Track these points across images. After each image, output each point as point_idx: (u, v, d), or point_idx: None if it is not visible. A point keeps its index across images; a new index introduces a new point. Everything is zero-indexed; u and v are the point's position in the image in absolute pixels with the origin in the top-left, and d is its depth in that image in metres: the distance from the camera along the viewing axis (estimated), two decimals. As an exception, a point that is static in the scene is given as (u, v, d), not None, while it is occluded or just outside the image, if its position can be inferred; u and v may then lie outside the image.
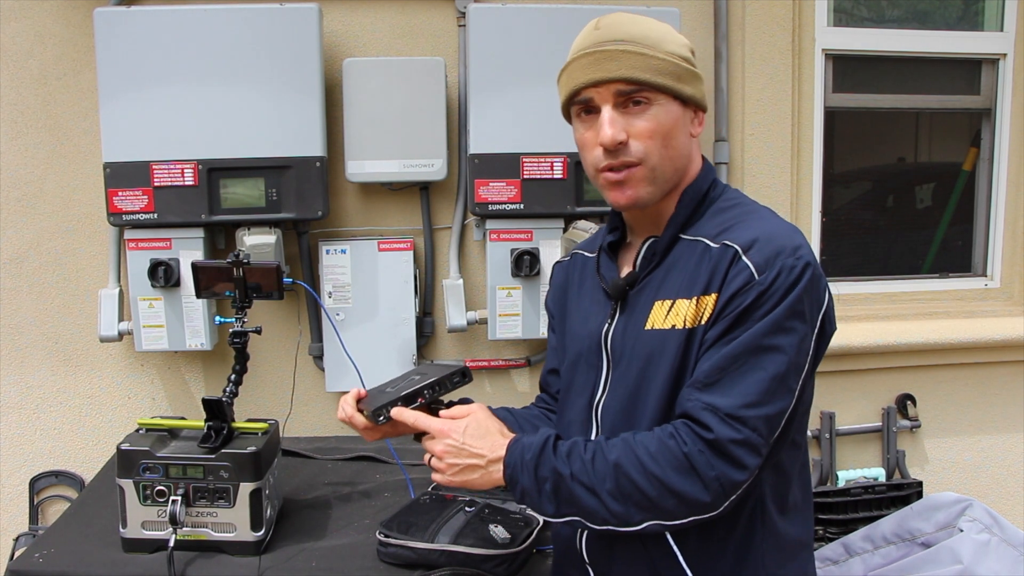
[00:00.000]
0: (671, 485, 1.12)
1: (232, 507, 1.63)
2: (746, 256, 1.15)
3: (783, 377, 1.14)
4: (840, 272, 2.77)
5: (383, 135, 2.20)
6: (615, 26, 1.21)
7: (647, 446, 1.14)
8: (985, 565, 2.14)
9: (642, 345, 1.23)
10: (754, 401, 1.12)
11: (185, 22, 2.07)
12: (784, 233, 1.19)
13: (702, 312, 1.17)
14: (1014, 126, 2.73)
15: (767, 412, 1.13)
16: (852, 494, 2.59)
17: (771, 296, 1.13)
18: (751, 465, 1.12)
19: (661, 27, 1.23)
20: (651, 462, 1.13)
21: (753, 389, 1.12)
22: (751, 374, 1.13)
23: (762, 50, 2.46)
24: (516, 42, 2.18)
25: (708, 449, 1.12)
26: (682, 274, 1.21)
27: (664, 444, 1.14)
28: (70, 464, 2.39)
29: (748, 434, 1.12)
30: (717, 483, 1.11)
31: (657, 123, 1.20)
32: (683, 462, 1.12)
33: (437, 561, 1.58)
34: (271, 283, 1.72)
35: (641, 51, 1.18)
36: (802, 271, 1.14)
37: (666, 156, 1.22)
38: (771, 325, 1.13)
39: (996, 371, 2.71)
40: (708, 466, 1.11)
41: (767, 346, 1.13)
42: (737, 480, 1.12)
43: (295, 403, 2.36)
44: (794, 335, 1.14)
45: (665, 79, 1.19)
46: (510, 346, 2.47)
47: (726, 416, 1.12)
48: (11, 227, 2.30)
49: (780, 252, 1.15)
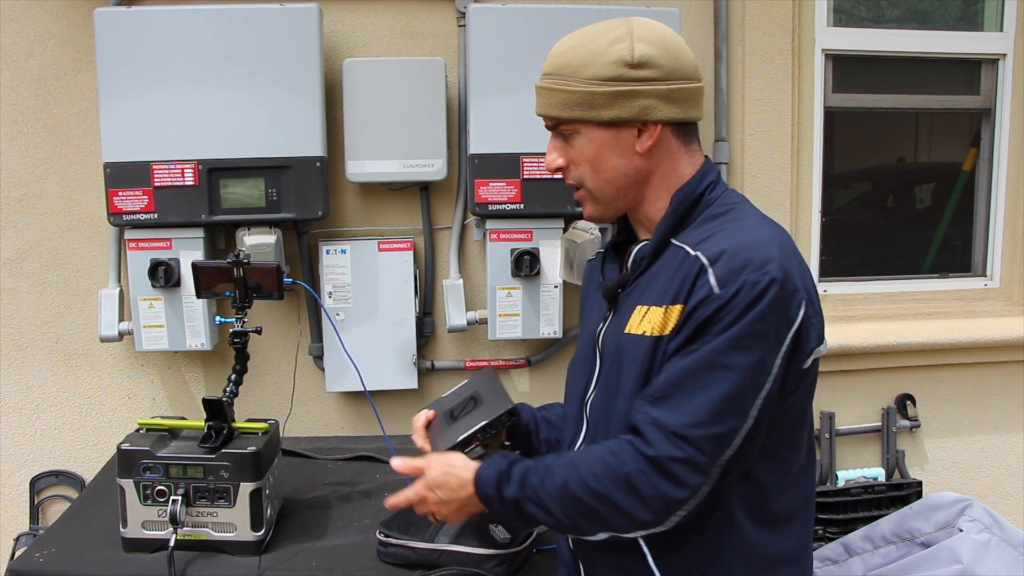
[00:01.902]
0: (615, 503, 1.14)
1: (232, 507, 1.63)
2: (711, 269, 1.14)
3: (735, 398, 1.12)
4: (840, 272, 2.77)
5: (383, 135, 2.20)
6: (550, 57, 1.27)
7: (591, 466, 1.17)
8: (985, 565, 2.14)
9: (621, 348, 1.25)
10: (701, 421, 1.11)
11: (185, 22, 2.08)
12: (757, 246, 1.15)
13: (668, 322, 1.17)
14: (1014, 126, 2.73)
15: (715, 432, 1.11)
16: (852, 494, 2.59)
17: (730, 312, 1.11)
18: (692, 484, 1.12)
19: (593, 47, 1.21)
20: (595, 481, 1.16)
21: (702, 408, 1.11)
22: (702, 393, 1.12)
23: (762, 50, 2.46)
24: (516, 42, 2.18)
25: (648, 467, 1.12)
26: (662, 281, 1.22)
27: (606, 463, 1.15)
28: (70, 464, 2.39)
29: (691, 453, 1.11)
30: (659, 501, 1.12)
31: (580, 151, 1.26)
32: (624, 481, 1.14)
33: (437, 561, 1.58)
34: (271, 283, 1.73)
35: (552, 86, 1.24)
36: (766, 287, 1.11)
37: (600, 179, 1.27)
38: (728, 343, 1.11)
39: (996, 371, 2.71)
40: (648, 485, 1.12)
41: (722, 364, 1.12)
42: (678, 498, 1.12)
43: (295, 403, 2.36)
44: (752, 354, 1.11)
45: (573, 112, 1.22)
46: (510, 346, 2.47)
47: (670, 434, 1.12)
48: (11, 227, 2.30)
49: (745, 267, 1.12)
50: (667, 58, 1.22)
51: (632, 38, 1.20)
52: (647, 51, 1.20)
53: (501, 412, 1.43)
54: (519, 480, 1.22)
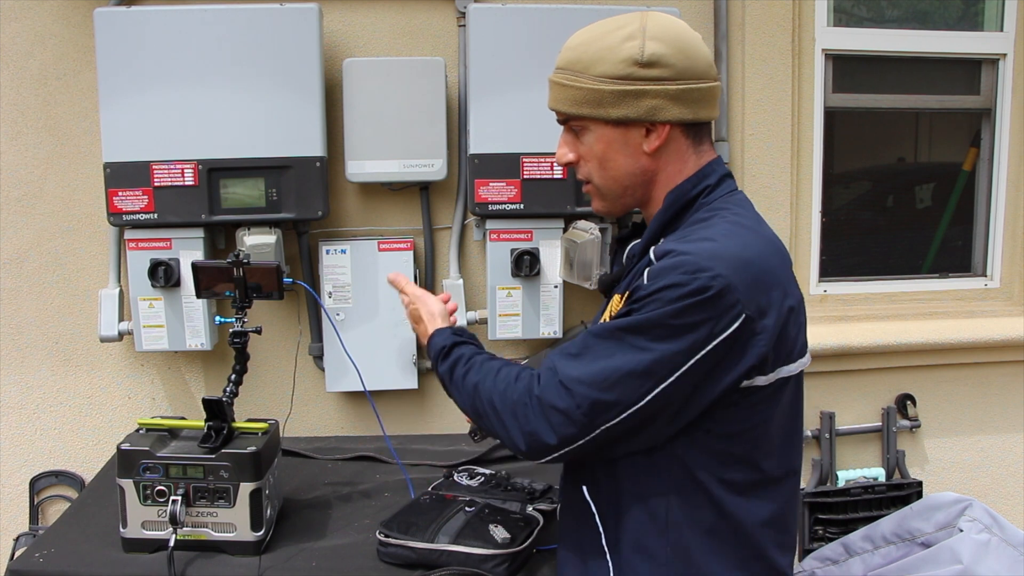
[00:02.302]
0: (502, 421, 1.23)
1: (232, 507, 1.63)
2: (651, 266, 1.18)
3: (631, 375, 1.14)
4: (840, 272, 2.77)
5: (383, 135, 2.20)
6: (564, 51, 1.27)
7: (498, 382, 1.26)
8: (985, 565, 2.14)
9: None
10: (590, 381, 1.15)
11: (185, 22, 2.07)
12: (703, 253, 1.13)
13: (614, 309, 1.25)
14: (1014, 126, 2.73)
15: (599, 397, 1.15)
16: (852, 494, 2.59)
17: (650, 301, 1.14)
18: (562, 434, 1.17)
19: (604, 44, 1.21)
20: (497, 397, 1.24)
21: (595, 372, 1.16)
22: (602, 360, 1.16)
23: (762, 50, 2.46)
24: (516, 42, 2.18)
25: (532, 403, 1.19)
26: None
27: (508, 386, 1.23)
28: (70, 464, 2.39)
29: (568, 405, 1.16)
30: (531, 438, 1.19)
31: (589, 148, 1.27)
32: (511, 407, 1.21)
33: (437, 561, 1.58)
34: (271, 283, 1.72)
35: (564, 81, 1.25)
36: (693, 291, 1.10)
37: (606, 177, 1.28)
38: (639, 323, 1.15)
39: (996, 371, 2.71)
40: (525, 419, 1.19)
41: (629, 343, 1.15)
42: (548, 443, 1.18)
43: (295, 403, 2.36)
44: (660, 344, 1.13)
45: (581, 108, 1.23)
46: (510, 346, 2.47)
47: (558, 382, 1.17)
48: (11, 227, 2.30)
49: (676, 268, 1.13)
50: (679, 57, 1.20)
51: (644, 36, 1.19)
52: (658, 50, 1.19)
53: None
54: (451, 362, 1.35)
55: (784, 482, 1.28)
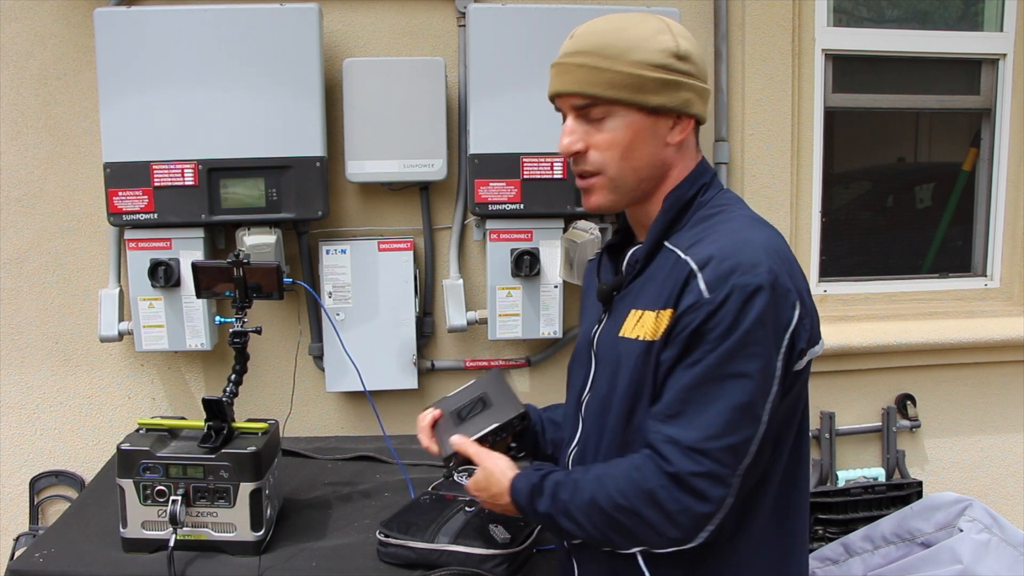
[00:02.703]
0: (643, 518, 1.14)
1: (232, 507, 1.63)
2: (701, 274, 1.13)
3: (747, 406, 1.11)
4: (840, 272, 2.77)
5: (383, 135, 2.20)
6: (585, 36, 1.22)
7: (617, 481, 1.16)
8: (985, 565, 2.14)
9: (616, 351, 1.24)
10: (716, 433, 1.10)
11: (185, 22, 2.07)
12: (745, 249, 1.14)
13: (660, 327, 1.17)
14: (1014, 126, 2.73)
15: (731, 442, 1.10)
16: (852, 494, 2.59)
17: (723, 318, 1.10)
18: (716, 496, 1.11)
19: (636, 33, 1.20)
20: (621, 497, 1.15)
21: (715, 420, 1.10)
22: (713, 405, 1.11)
23: (762, 50, 2.46)
24: (516, 42, 2.18)
25: (670, 483, 1.11)
26: (655, 285, 1.21)
27: (631, 479, 1.15)
28: (70, 464, 2.39)
29: (711, 466, 1.10)
30: (684, 516, 1.12)
31: (613, 136, 1.21)
32: (648, 496, 1.13)
33: (437, 561, 1.58)
34: (271, 283, 1.72)
35: (596, 64, 1.19)
36: (756, 291, 1.10)
37: (626, 167, 1.22)
38: (730, 352, 1.10)
39: (996, 371, 2.71)
40: (672, 500, 1.11)
41: (728, 374, 1.10)
42: (703, 512, 1.11)
43: (295, 403, 2.36)
44: (756, 360, 1.11)
45: (619, 92, 1.19)
46: (510, 346, 2.47)
47: (687, 449, 1.11)
48: (11, 227, 2.30)
49: (734, 271, 1.11)
50: (699, 58, 1.24)
51: (672, 32, 1.21)
52: (687, 47, 1.22)
53: (512, 416, 1.42)
54: (550, 494, 1.22)
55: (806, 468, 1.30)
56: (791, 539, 1.28)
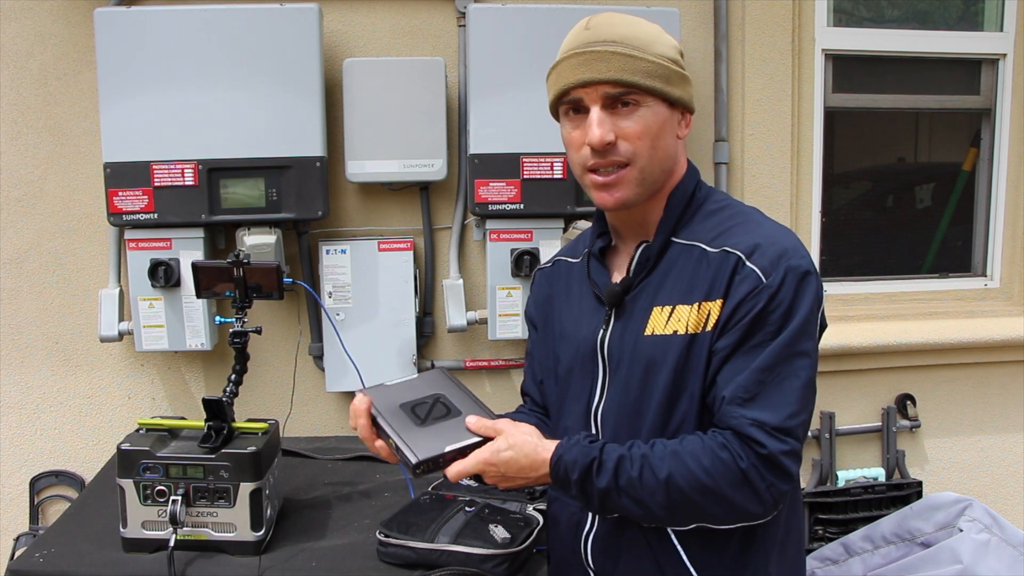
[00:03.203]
0: (725, 496, 1.14)
1: (232, 507, 1.63)
2: (750, 261, 1.16)
3: (812, 382, 1.18)
4: (840, 272, 2.77)
5: (383, 135, 2.20)
6: (605, 26, 1.21)
7: (700, 459, 1.14)
8: (985, 565, 2.14)
9: (642, 350, 1.23)
10: (795, 411, 1.15)
11: (185, 22, 2.08)
12: (783, 235, 1.21)
13: (705, 318, 1.18)
14: (1014, 126, 2.73)
15: (805, 419, 1.17)
16: (852, 494, 2.59)
17: (783, 299, 1.15)
18: (795, 472, 1.17)
19: (651, 28, 1.23)
20: (705, 476, 1.14)
21: (792, 398, 1.15)
22: (787, 383, 1.15)
23: (762, 50, 2.46)
24: (516, 42, 2.18)
25: (762, 463, 1.13)
26: (679, 279, 1.21)
27: (718, 457, 1.14)
28: (70, 464, 2.39)
29: (794, 444, 1.15)
30: (769, 493, 1.14)
31: (645, 125, 1.20)
32: (739, 476, 1.13)
33: (437, 561, 1.58)
34: (271, 283, 1.73)
35: (631, 53, 1.19)
36: (807, 273, 1.17)
37: (655, 158, 1.22)
38: (797, 332, 1.15)
39: (996, 371, 2.71)
40: (761, 479, 1.14)
41: (797, 352, 1.15)
42: (785, 489, 1.16)
43: (295, 403, 2.36)
44: (813, 339, 1.18)
45: (654, 81, 1.19)
46: (510, 346, 2.47)
47: (773, 430, 1.13)
48: (11, 227, 2.30)
49: (783, 254, 1.17)
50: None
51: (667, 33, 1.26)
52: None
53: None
54: (612, 469, 1.16)
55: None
56: (802, 524, 1.36)
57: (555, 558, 1.44)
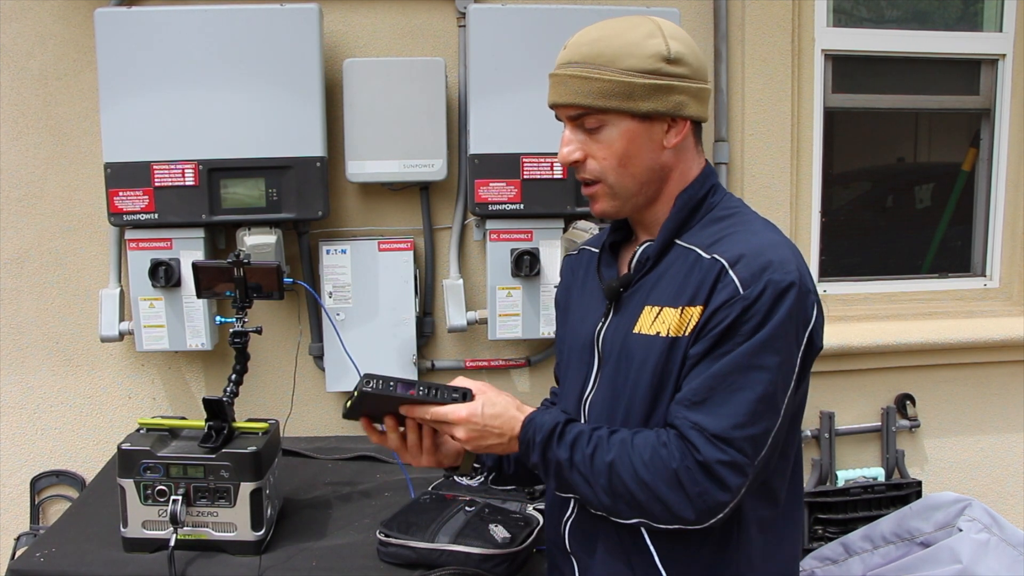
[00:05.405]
0: (659, 494, 1.14)
1: (232, 507, 1.63)
2: (732, 270, 1.15)
3: (769, 397, 1.13)
4: (840, 272, 2.77)
5: (383, 135, 2.20)
6: (574, 46, 1.23)
7: (641, 452, 1.16)
8: (984, 565, 2.14)
9: (629, 348, 1.24)
10: (741, 422, 1.12)
11: (185, 22, 2.08)
12: (774, 248, 1.17)
13: (686, 323, 1.18)
14: (1013, 126, 2.73)
15: (753, 432, 1.13)
16: (851, 494, 2.59)
17: (756, 312, 1.12)
18: (735, 485, 1.13)
19: (626, 39, 1.21)
20: (643, 469, 1.15)
21: (740, 410, 1.12)
22: (738, 394, 1.13)
23: (762, 50, 2.46)
24: (516, 42, 2.18)
25: (695, 467, 1.13)
26: (672, 282, 1.22)
27: (658, 453, 1.15)
28: (71, 464, 2.39)
29: (734, 455, 1.12)
30: (701, 500, 1.13)
31: (609, 144, 1.22)
32: (672, 476, 1.14)
33: (437, 561, 1.59)
34: (271, 283, 1.73)
35: (587, 74, 1.20)
36: (788, 288, 1.13)
37: (624, 174, 1.23)
38: (759, 344, 1.12)
39: (995, 371, 2.71)
40: (693, 483, 1.13)
41: (755, 365, 1.13)
42: (721, 500, 1.13)
43: (295, 403, 2.36)
44: (780, 354, 1.14)
45: (610, 101, 1.19)
46: (510, 346, 2.47)
47: (713, 437, 1.12)
48: (11, 227, 2.30)
49: (766, 267, 1.14)
50: (694, 58, 1.24)
51: (664, 35, 1.22)
52: (680, 48, 1.22)
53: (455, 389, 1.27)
54: (570, 442, 1.20)
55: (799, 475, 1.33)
56: (798, 529, 1.33)
57: (548, 542, 1.46)
